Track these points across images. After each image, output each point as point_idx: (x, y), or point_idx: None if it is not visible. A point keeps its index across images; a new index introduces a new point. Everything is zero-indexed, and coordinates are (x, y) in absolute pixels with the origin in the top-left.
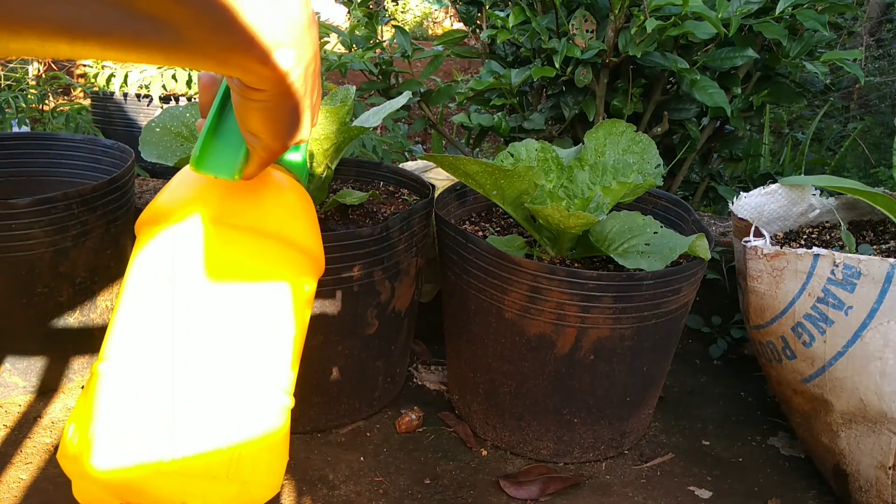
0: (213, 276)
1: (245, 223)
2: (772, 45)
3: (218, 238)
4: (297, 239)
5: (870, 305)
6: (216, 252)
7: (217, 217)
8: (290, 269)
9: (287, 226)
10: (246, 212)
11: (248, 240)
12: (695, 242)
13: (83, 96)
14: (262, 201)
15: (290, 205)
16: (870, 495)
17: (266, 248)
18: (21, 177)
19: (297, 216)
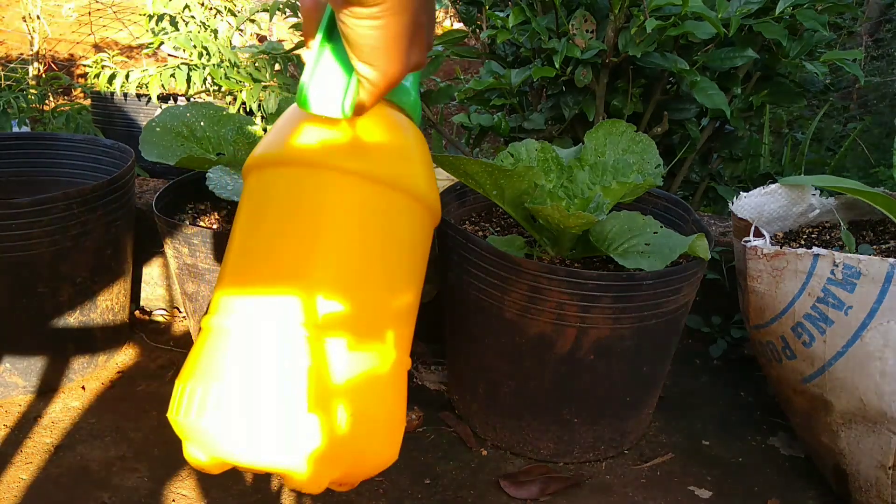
0: (322, 228)
1: (356, 168)
2: (772, 45)
3: (327, 185)
4: (411, 187)
5: (870, 305)
6: (325, 202)
7: (325, 161)
8: (404, 220)
9: (401, 172)
10: (357, 156)
11: (360, 187)
12: (695, 242)
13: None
14: (374, 144)
15: (405, 149)
16: (870, 495)
17: (379, 197)
18: (21, 177)
19: (412, 161)
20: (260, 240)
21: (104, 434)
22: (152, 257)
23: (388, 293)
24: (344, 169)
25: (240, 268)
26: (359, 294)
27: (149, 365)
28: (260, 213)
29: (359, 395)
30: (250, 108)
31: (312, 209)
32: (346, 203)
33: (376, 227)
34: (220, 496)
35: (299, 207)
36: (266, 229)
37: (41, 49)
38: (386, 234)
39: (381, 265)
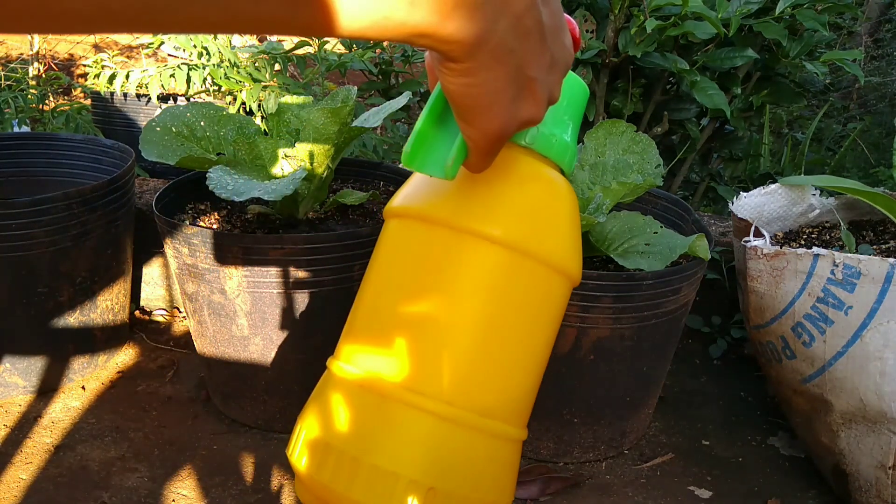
0: (446, 289)
1: (488, 233)
2: (772, 45)
3: (457, 249)
4: (548, 255)
5: (870, 305)
6: (452, 266)
7: (458, 223)
8: (539, 289)
9: (539, 238)
10: (491, 219)
11: (492, 254)
12: (695, 242)
13: (83, 96)
14: (512, 205)
15: (546, 211)
16: (869, 495)
17: (512, 265)
18: (21, 177)
19: (552, 225)
20: (390, 299)
21: (104, 434)
22: (152, 257)
23: (514, 370)
24: (480, 233)
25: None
26: (486, 372)
27: (149, 365)
28: (393, 268)
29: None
30: (250, 108)
31: (445, 276)
32: (480, 272)
33: (508, 295)
34: (219, 496)
35: (433, 272)
36: (401, 284)
37: (41, 49)
38: (523, 305)
39: (516, 339)
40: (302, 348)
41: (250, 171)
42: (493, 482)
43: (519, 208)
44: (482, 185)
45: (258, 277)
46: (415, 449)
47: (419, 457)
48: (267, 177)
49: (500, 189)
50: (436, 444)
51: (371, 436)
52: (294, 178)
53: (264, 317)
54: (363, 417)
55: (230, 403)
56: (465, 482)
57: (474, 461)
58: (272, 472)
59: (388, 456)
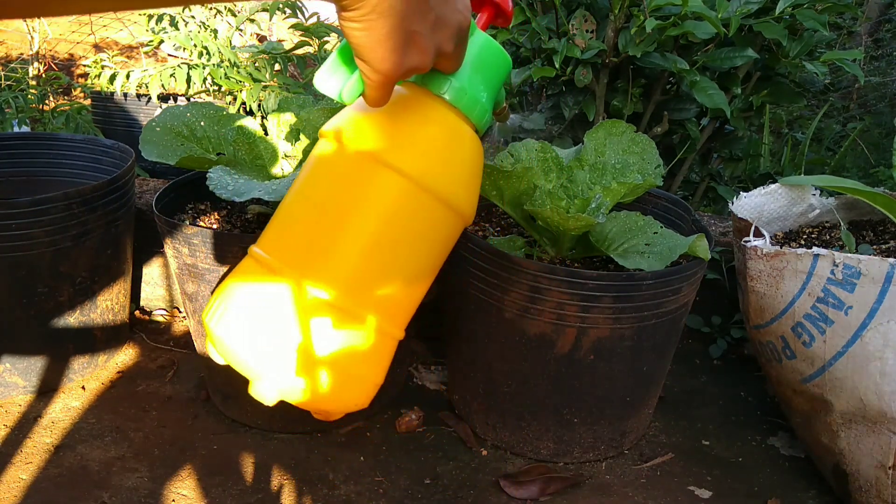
0: (354, 212)
1: (397, 165)
2: (772, 45)
3: (366, 173)
4: (446, 194)
5: (870, 305)
6: (361, 188)
7: (370, 151)
8: (432, 220)
9: (440, 179)
10: (401, 154)
11: (396, 183)
12: (695, 242)
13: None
14: (421, 146)
15: (451, 156)
16: (870, 495)
17: (412, 195)
18: (21, 177)
19: (454, 169)
20: (308, 203)
21: (104, 434)
22: (152, 257)
23: (396, 279)
24: (385, 162)
25: (289, 220)
26: (371, 275)
27: (149, 365)
28: (314, 177)
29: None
30: (250, 108)
31: (353, 195)
32: (378, 194)
33: (403, 220)
34: (219, 496)
35: (344, 189)
36: (315, 196)
37: (41, 49)
38: (411, 228)
39: (400, 254)
40: None
41: (250, 171)
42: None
43: (421, 145)
44: (395, 120)
45: None
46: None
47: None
48: (267, 177)
49: (408, 126)
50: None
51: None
52: (294, 179)
53: None
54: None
55: (230, 403)
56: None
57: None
58: (272, 472)
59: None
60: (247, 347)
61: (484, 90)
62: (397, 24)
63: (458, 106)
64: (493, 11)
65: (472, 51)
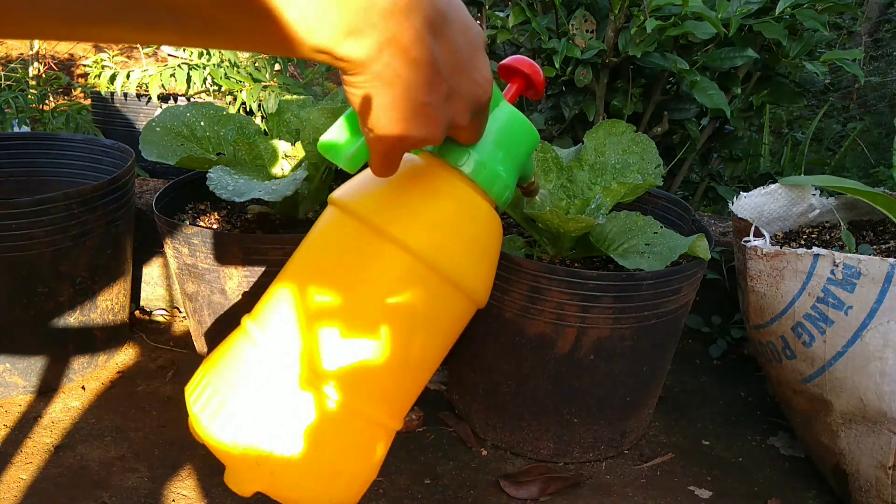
0: (354, 283)
1: (408, 243)
2: (772, 44)
3: (375, 250)
4: (459, 278)
5: (870, 305)
6: (370, 265)
7: (382, 227)
8: (443, 305)
9: (452, 261)
10: (414, 232)
11: (404, 262)
12: (695, 243)
13: (83, 96)
14: (435, 225)
15: (465, 237)
16: (870, 495)
17: (421, 277)
18: (21, 177)
19: (468, 251)
20: (305, 276)
21: (104, 434)
22: (152, 257)
23: (397, 368)
24: (390, 236)
25: (283, 293)
26: (369, 362)
27: (149, 365)
28: (315, 247)
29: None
30: (250, 108)
31: (352, 266)
32: (381, 270)
33: (407, 302)
34: (219, 496)
35: (343, 260)
36: (313, 268)
37: (41, 49)
38: (416, 312)
39: (402, 340)
40: None
41: (250, 172)
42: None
43: (431, 220)
44: (405, 192)
45: (258, 277)
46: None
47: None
48: (267, 177)
49: (419, 199)
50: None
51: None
52: (295, 179)
53: None
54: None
55: None
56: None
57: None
58: None
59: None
60: (227, 434)
61: (505, 165)
62: (403, 94)
63: (476, 180)
64: (523, 84)
65: (496, 124)
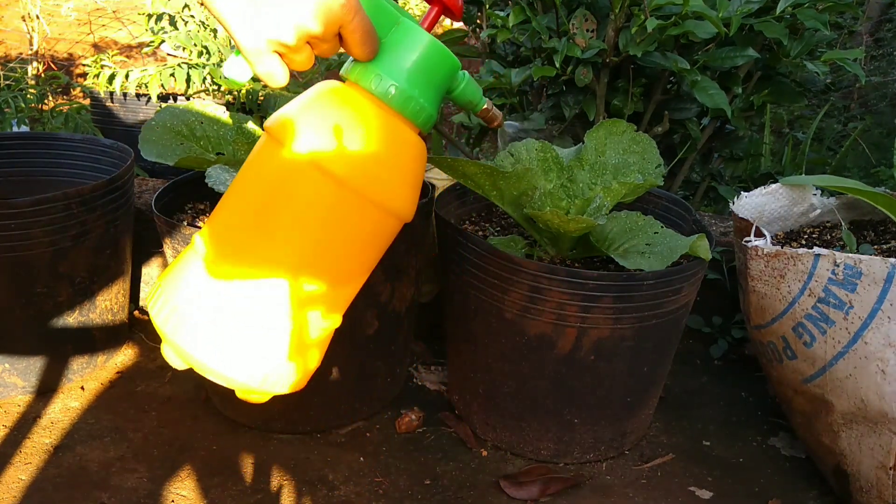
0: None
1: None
2: (772, 44)
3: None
4: (383, 200)
5: (871, 305)
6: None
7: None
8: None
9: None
10: (336, 157)
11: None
12: (695, 243)
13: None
14: (357, 149)
15: (387, 159)
16: (870, 496)
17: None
18: (20, 177)
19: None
20: (244, 201)
21: (103, 434)
22: (152, 257)
23: (331, 281)
24: (317, 165)
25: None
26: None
27: (148, 365)
28: (250, 174)
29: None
30: (250, 108)
31: (281, 192)
32: (309, 196)
33: (335, 223)
34: (219, 496)
35: (273, 187)
36: (250, 194)
37: (40, 48)
38: (344, 231)
39: (333, 256)
40: None
41: None
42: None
43: (352, 147)
44: (328, 120)
45: None
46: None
47: None
48: None
49: (341, 127)
50: None
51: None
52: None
53: None
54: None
55: (229, 404)
56: None
57: None
58: (272, 472)
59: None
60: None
61: (421, 88)
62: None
63: (392, 104)
64: (440, 8)
65: (409, 49)
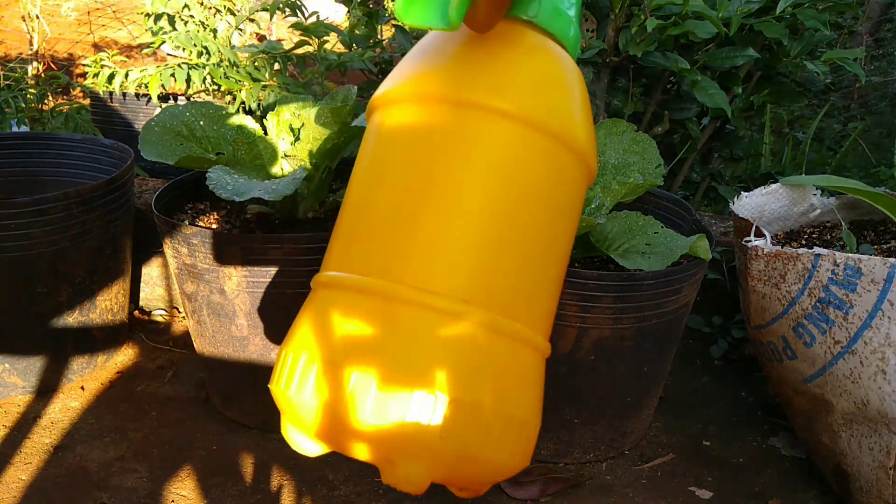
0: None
1: (505, 108)
2: (772, 44)
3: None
4: (569, 135)
5: (871, 305)
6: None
7: (467, 97)
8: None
9: (557, 115)
10: (504, 92)
11: (509, 132)
12: (695, 243)
13: (82, 96)
14: (523, 78)
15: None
16: (870, 495)
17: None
18: (20, 176)
19: (568, 102)
20: (388, 188)
21: (103, 434)
22: (151, 257)
23: (534, 266)
24: (490, 108)
25: (364, 219)
26: (503, 267)
27: (148, 365)
28: (385, 159)
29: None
30: (250, 108)
31: (450, 158)
32: (492, 151)
33: (521, 175)
34: (219, 496)
35: (435, 155)
36: (393, 179)
37: (40, 48)
38: (533, 183)
39: (530, 232)
40: None
41: (250, 171)
42: (518, 395)
43: (529, 80)
44: (485, 57)
45: (258, 277)
46: (431, 356)
47: (437, 364)
48: (267, 176)
49: (507, 60)
50: (453, 348)
51: (380, 346)
52: (294, 178)
53: (264, 317)
54: (367, 326)
55: (229, 404)
56: (490, 392)
57: (498, 369)
58: (272, 472)
59: (402, 366)
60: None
61: (573, 7)
62: None
63: (552, 28)
64: None
65: None
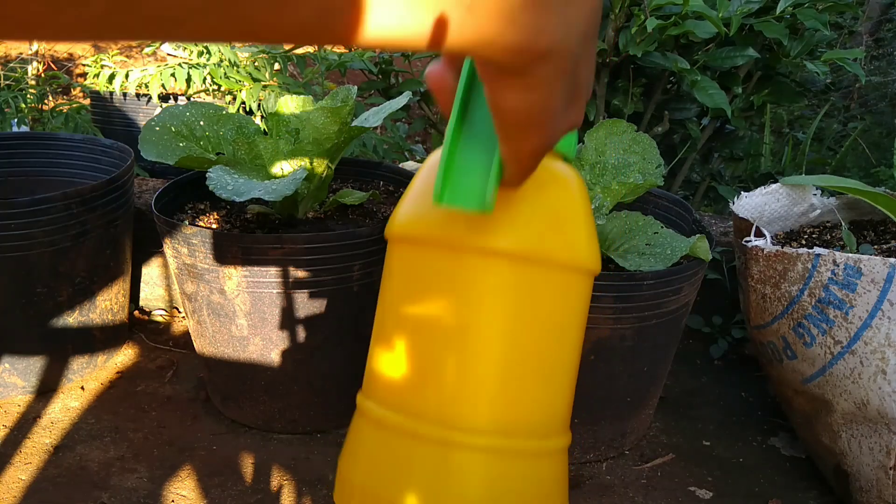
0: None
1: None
2: (772, 44)
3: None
4: (571, 258)
5: (871, 305)
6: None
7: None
8: (565, 298)
9: (558, 242)
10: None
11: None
12: (695, 243)
13: (82, 96)
14: (524, 210)
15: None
16: (870, 495)
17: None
18: (20, 177)
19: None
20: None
21: (103, 434)
22: (152, 257)
23: (551, 381)
24: (487, 250)
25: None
26: (520, 386)
27: (148, 365)
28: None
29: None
30: (250, 108)
31: (452, 296)
32: (487, 288)
33: (527, 307)
34: (219, 496)
35: (439, 294)
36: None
37: (40, 48)
38: (539, 312)
39: (544, 354)
40: (301, 348)
41: (250, 171)
42: (546, 498)
43: (524, 214)
44: None
45: (258, 277)
46: (461, 491)
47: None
48: (267, 177)
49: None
50: (481, 481)
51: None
52: (294, 178)
53: (264, 317)
54: (398, 461)
55: (229, 404)
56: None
57: (526, 487)
58: (272, 472)
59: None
60: None
61: None
62: (571, 81)
63: (559, 148)
64: None
65: None
